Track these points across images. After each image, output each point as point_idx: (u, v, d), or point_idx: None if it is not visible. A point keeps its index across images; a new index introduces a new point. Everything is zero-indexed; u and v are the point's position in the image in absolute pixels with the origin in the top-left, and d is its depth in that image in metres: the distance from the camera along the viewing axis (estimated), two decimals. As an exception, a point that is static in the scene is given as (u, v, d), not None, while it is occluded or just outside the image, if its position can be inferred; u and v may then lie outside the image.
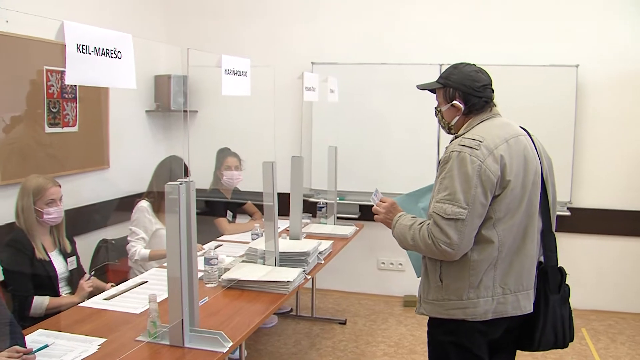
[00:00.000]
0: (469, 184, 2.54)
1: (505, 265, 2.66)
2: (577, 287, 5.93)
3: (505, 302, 2.68)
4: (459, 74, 2.81)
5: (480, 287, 2.64)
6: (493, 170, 2.56)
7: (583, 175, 5.90)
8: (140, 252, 4.51)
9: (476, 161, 2.55)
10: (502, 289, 2.67)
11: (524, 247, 2.70)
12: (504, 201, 2.60)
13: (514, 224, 2.64)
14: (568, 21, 5.78)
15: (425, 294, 2.82)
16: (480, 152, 2.57)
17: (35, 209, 3.64)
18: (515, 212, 2.64)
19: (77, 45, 2.07)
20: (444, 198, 2.58)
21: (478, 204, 2.55)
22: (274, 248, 3.94)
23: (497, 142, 2.63)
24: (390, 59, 6.09)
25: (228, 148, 5.52)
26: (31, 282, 3.57)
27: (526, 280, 2.72)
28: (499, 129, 2.73)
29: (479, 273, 2.63)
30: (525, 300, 2.73)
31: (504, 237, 2.62)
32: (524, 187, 2.66)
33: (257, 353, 4.97)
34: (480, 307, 2.65)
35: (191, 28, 6.69)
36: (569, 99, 5.72)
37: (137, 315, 3.18)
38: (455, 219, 2.53)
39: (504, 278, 2.67)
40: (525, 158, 2.68)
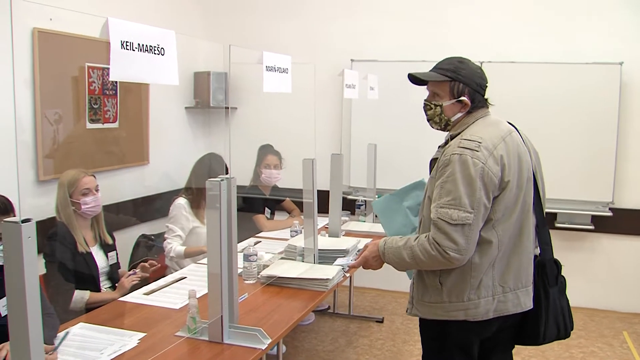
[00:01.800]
0: (473, 188, 2.50)
1: (504, 264, 2.65)
2: (619, 289, 5.93)
3: (505, 300, 2.66)
4: (468, 69, 2.75)
5: (480, 287, 2.62)
6: (494, 171, 2.53)
7: (626, 175, 5.79)
8: (176, 249, 4.54)
9: (478, 163, 2.51)
10: (502, 288, 2.65)
11: (520, 244, 2.68)
12: (503, 202, 2.58)
13: (511, 223, 2.62)
14: (611, 18, 5.68)
15: (420, 295, 2.79)
16: (481, 154, 2.53)
17: (72, 201, 3.69)
18: (512, 211, 2.62)
19: (121, 42, 2.08)
20: (448, 203, 2.52)
21: (482, 207, 2.52)
22: (313, 245, 3.93)
23: (495, 141, 2.60)
24: (431, 56, 6.00)
25: (270, 145, 5.53)
26: (73, 276, 3.61)
27: (525, 277, 2.71)
28: (494, 127, 2.71)
29: (480, 274, 2.61)
30: (525, 297, 2.71)
31: (502, 237, 2.60)
32: (519, 186, 2.63)
33: (294, 350, 4.98)
34: (482, 307, 2.63)
35: (229, 25, 6.71)
36: (613, 97, 5.62)
37: (176, 310, 3.20)
38: (462, 224, 2.49)
39: (503, 276, 2.65)
40: (519, 156, 2.66)
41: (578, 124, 5.69)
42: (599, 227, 5.87)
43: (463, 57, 2.81)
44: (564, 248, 6.04)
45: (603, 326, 5.66)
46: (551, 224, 5.88)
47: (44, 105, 4.42)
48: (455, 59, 2.80)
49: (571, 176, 5.75)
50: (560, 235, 5.99)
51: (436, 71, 2.80)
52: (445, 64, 2.80)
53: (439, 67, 2.81)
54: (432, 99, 2.84)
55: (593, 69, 5.61)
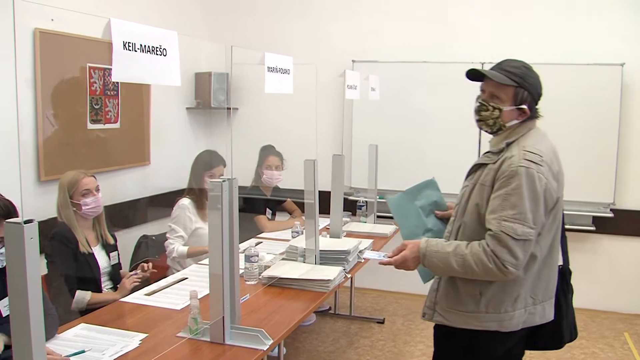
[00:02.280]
0: (538, 204, 2.46)
1: (536, 276, 2.61)
2: (620, 290, 5.93)
3: (534, 312, 2.64)
4: (534, 78, 2.66)
5: (517, 300, 2.59)
6: (554, 188, 2.52)
7: (627, 176, 5.79)
8: (178, 250, 4.53)
9: (543, 179, 2.47)
10: (532, 300, 2.63)
11: (551, 257, 2.66)
12: (550, 217, 2.56)
13: (549, 237, 2.61)
14: (612, 18, 5.68)
15: (452, 303, 2.72)
16: (545, 169, 2.49)
17: (72, 202, 3.70)
18: (552, 226, 2.60)
19: (124, 43, 2.08)
20: (513, 217, 2.44)
21: (540, 222, 2.49)
22: (314, 246, 3.93)
23: (551, 156, 2.57)
24: (431, 57, 6.05)
25: (272, 146, 5.53)
26: (74, 276, 3.61)
27: (552, 289, 2.71)
28: (546, 139, 2.67)
29: (522, 287, 2.59)
30: (549, 308, 2.71)
31: (542, 251, 2.58)
32: (560, 200, 2.62)
33: (295, 351, 4.98)
34: (515, 319, 2.61)
35: (230, 25, 6.72)
36: (614, 98, 5.62)
37: (177, 311, 3.20)
38: (524, 239, 2.43)
39: (534, 289, 2.63)
40: (561, 169, 2.65)
41: (579, 125, 5.69)
42: (600, 228, 5.86)
43: (526, 62, 2.70)
44: (565, 249, 6.03)
45: (604, 327, 5.66)
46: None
47: (45, 106, 4.42)
48: (521, 62, 2.69)
49: (572, 177, 5.68)
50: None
51: (502, 73, 2.65)
52: (512, 67, 2.66)
53: (505, 69, 2.66)
54: (490, 100, 2.68)
55: (594, 69, 5.61)
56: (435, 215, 3.18)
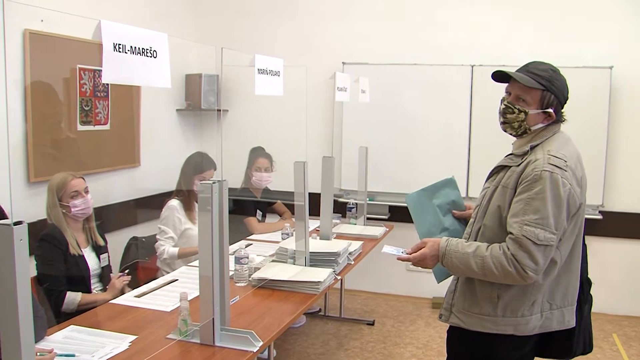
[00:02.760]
0: (560, 209, 2.44)
1: (554, 282, 2.60)
2: (609, 292, 5.95)
3: (551, 317, 2.62)
4: (561, 81, 2.65)
5: (534, 304, 2.58)
6: (577, 194, 2.50)
7: (616, 178, 5.82)
8: (169, 251, 4.53)
9: (567, 184, 2.45)
10: (549, 305, 2.61)
11: (572, 263, 2.64)
12: (572, 223, 2.54)
13: (570, 243, 2.59)
14: (602, 22, 5.71)
15: (468, 305, 2.70)
16: (569, 174, 2.48)
17: (61, 204, 3.69)
18: (573, 232, 2.58)
19: (114, 44, 2.08)
20: (535, 222, 2.42)
21: (562, 228, 2.47)
22: (304, 248, 3.93)
23: (575, 161, 2.56)
24: (421, 59, 6.06)
25: (262, 148, 5.52)
26: (64, 278, 3.60)
27: (571, 295, 2.67)
28: (570, 145, 2.66)
29: (539, 292, 2.58)
30: (569, 315, 2.67)
31: (563, 257, 2.57)
32: (582, 207, 2.59)
33: (285, 353, 4.98)
34: (531, 323, 2.59)
35: (221, 27, 6.72)
36: (603, 100, 5.65)
37: (167, 313, 3.19)
38: (546, 244, 2.42)
39: (552, 294, 2.61)
40: (584, 176, 2.62)
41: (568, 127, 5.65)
42: (589, 230, 5.77)
43: (553, 65, 2.68)
44: (554, 251, 6.05)
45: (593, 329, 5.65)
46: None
47: (34, 107, 4.40)
48: (549, 65, 2.66)
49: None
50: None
51: (529, 75, 2.62)
52: (539, 69, 2.63)
53: (532, 72, 2.63)
54: (516, 103, 2.66)
55: (583, 73, 5.62)
56: (452, 214, 3.15)
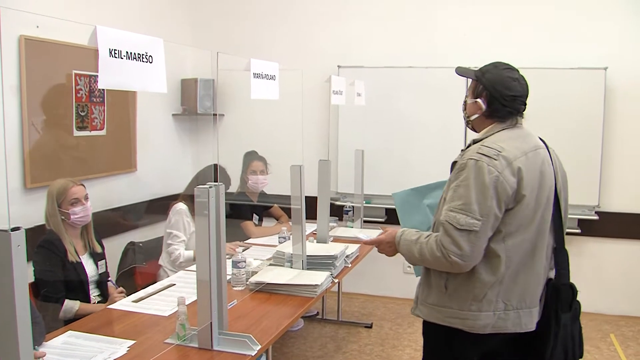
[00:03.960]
0: (485, 195, 2.49)
1: (511, 281, 2.60)
2: (605, 292, 5.96)
3: (506, 318, 2.62)
4: (495, 74, 2.72)
5: (483, 301, 2.60)
6: (510, 182, 2.52)
7: (612, 178, 5.84)
8: (185, 254, 4.53)
9: (494, 172, 2.50)
10: (504, 305, 2.61)
11: (532, 264, 2.64)
12: (517, 216, 2.56)
13: (524, 240, 2.59)
14: (596, 23, 5.73)
15: (425, 296, 2.78)
16: (499, 163, 2.52)
17: (61, 211, 3.69)
18: (527, 227, 2.59)
19: (110, 50, 2.08)
20: (458, 207, 2.52)
21: (492, 216, 2.50)
22: (301, 251, 3.93)
23: (517, 154, 2.58)
24: (417, 62, 6.07)
25: (255, 152, 5.52)
26: (62, 285, 3.60)
27: (530, 298, 2.66)
28: (520, 140, 2.68)
29: (484, 287, 2.59)
30: (526, 318, 2.67)
31: (512, 253, 2.58)
32: (538, 203, 2.61)
33: (283, 356, 4.98)
34: (481, 320, 2.61)
35: (216, 31, 6.72)
36: (597, 101, 5.67)
37: (165, 317, 3.19)
38: (468, 230, 2.48)
39: (507, 294, 2.61)
40: (541, 173, 2.64)
41: (563, 128, 5.73)
42: (586, 230, 5.90)
43: (509, 65, 2.78)
44: (550, 252, 6.06)
45: (590, 329, 5.69)
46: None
47: (30, 113, 4.40)
48: (495, 63, 2.78)
49: (557, 180, 5.78)
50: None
51: (474, 70, 2.82)
52: (485, 64, 2.80)
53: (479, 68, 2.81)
54: (465, 95, 2.84)
55: (578, 74, 5.65)
56: None
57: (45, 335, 2.86)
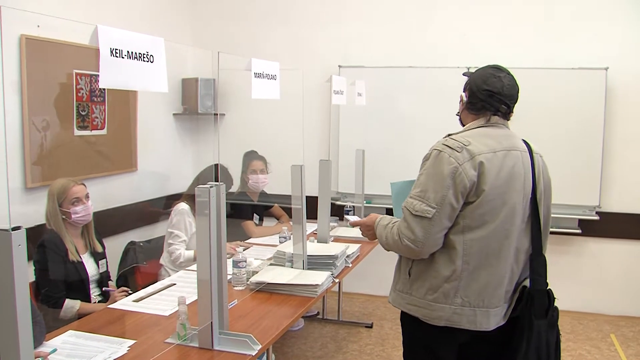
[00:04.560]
0: (442, 185, 2.54)
1: (470, 278, 2.61)
2: (606, 292, 5.97)
3: (461, 313, 2.63)
4: (481, 71, 2.81)
5: (439, 292, 2.63)
6: (469, 175, 2.54)
7: (612, 179, 5.84)
8: (185, 254, 4.54)
9: (454, 162, 2.55)
10: (461, 300, 2.62)
11: (496, 264, 2.63)
12: (477, 211, 2.57)
13: (486, 237, 2.60)
14: (597, 23, 5.73)
15: (395, 282, 2.88)
16: (461, 155, 2.56)
17: (62, 211, 3.69)
18: (489, 225, 2.59)
19: (111, 49, 2.08)
20: (416, 194, 2.61)
21: (447, 205, 2.54)
22: (302, 251, 3.93)
23: (483, 149, 2.60)
24: (418, 62, 6.07)
25: (255, 151, 5.51)
26: (63, 284, 3.60)
27: (488, 298, 2.65)
28: (493, 139, 2.68)
29: (439, 277, 2.63)
30: (482, 317, 2.65)
31: (470, 247, 2.59)
32: (505, 203, 2.61)
33: (283, 356, 4.98)
34: (435, 312, 2.65)
35: (216, 31, 6.72)
36: (599, 102, 5.67)
37: (166, 317, 3.19)
38: (422, 216, 2.55)
39: (465, 290, 2.62)
40: (511, 174, 2.64)
41: (564, 128, 5.73)
42: (586, 230, 5.90)
43: (499, 66, 2.86)
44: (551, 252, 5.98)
45: (591, 329, 5.70)
46: (538, 228, 5.91)
47: (31, 112, 4.40)
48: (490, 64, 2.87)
49: (558, 180, 5.71)
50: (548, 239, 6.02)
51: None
52: None
53: None
54: None
55: (579, 74, 5.65)
56: None
57: (46, 334, 2.85)
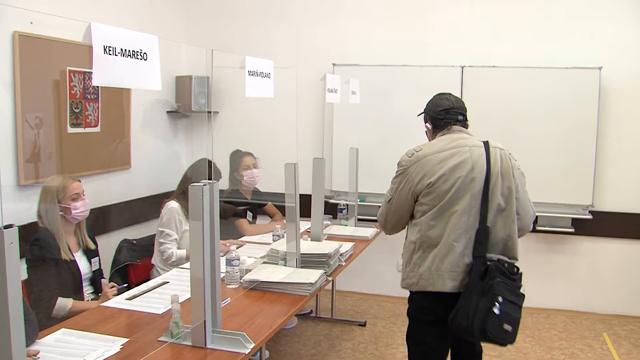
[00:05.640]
0: (397, 180, 3.34)
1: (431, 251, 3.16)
2: (599, 291, 5.99)
3: (428, 278, 3.15)
4: (430, 102, 3.55)
5: (412, 263, 3.23)
6: (414, 174, 3.23)
7: (606, 178, 5.86)
8: (177, 253, 4.51)
9: (403, 165, 3.31)
10: (428, 269, 3.15)
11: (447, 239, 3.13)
12: (428, 198, 3.18)
13: (441, 222, 3.16)
14: (591, 23, 5.74)
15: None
16: (409, 159, 3.29)
17: (61, 207, 3.68)
18: (442, 213, 3.16)
19: (104, 47, 2.08)
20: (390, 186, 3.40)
21: (401, 196, 3.30)
22: (295, 249, 3.93)
23: (430, 151, 3.25)
24: (411, 60, 6.08)
25: (240, 150, 5.48)
26: (56, 282, 3.58)
27: (444, 266, 3.12)
28: (444, 142, 3.30)
29: (410, 252, 3.27)
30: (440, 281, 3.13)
31: (426, 226, 3.19)
32: (450, 189, 3.15)
33: (277, 354, 4.98)
34: (410, 279, 3.24)
35: (210, 29, 6.71)
36: (592, 101, 5.68)
37: (159, 315, 3.18)
38: (386, 200, 3.40)
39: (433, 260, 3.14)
40: (456, 165, 3.16)
41: (558, 127, 5.74)
42: (580, 230, 5.92)
43: (440, 93, 3.57)
44: (545, 251, 6.08)
45: (584, 328, 5.71)
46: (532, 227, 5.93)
47: (24, 109, 4.39)
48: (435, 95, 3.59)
49: (551, 179, 5.80)
50: (542, 238, 6.04)
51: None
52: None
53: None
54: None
55: (572, 73, 5.67)
56: None
57: (38, 332, 2.85)
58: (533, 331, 5.61)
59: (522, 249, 6.06)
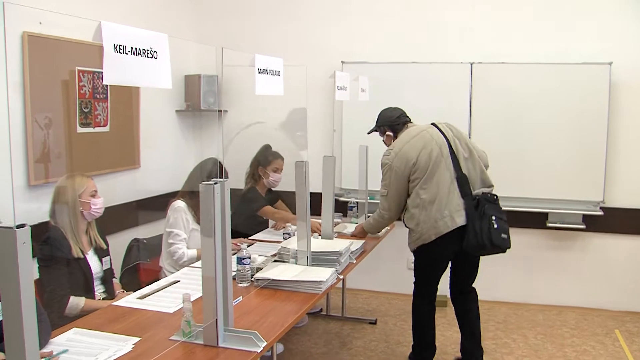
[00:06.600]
0: (387, 176, 4.35)
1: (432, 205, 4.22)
2: (610, 288, 5.97)
3: (438, 225, 4.20)
4: (381, 118, 4.71)
5: (420, 223, 4.25)
6: (398, 164, 4.30)
7: (616, 174, 5.83)
8: (188, 253, 4.48)
9: (387, 163, 4.35)
10: (434, 219, 4.20)
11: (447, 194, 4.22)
12: (416, 174, 4.26)
13: (432, 184, 4.23)
14: (601, 18, 5.72)
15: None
16: (391, 157, 4.34)
17: (81, 202, 3.69)
18: (430, 179, 4.23)
19: (115, 46, 2.07)
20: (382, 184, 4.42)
21: (394, 185, 4.34)
22: (306, 248, 3.92)
23: (401, 145, 4.36)
24: (421, 57, 6.06)
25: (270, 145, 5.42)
26: (67, 281, 3.58)
27: (447, 209, 4.20)
28: (407, 136, 4.43)
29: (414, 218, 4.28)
30: (451, 221, 4.19)
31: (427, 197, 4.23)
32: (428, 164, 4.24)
33: (288, 352, 4.98)
34: (425, 233, 4.24)
35: (219, 27, 6.71)
36: (602, 97, 5.66)
37: (170, 314, 3.18)
38: (383, 195, 4.42)
39: (435, 213, 4.21)
40: (423, 146, 4.28)
41: (568, 123, 5.72)
42: (591, 226, 5.89)
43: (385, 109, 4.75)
44: (555, 247, 6.06)
45: (595, 325, 5.69)
46: (543, 224, 5.92)
47: (34, 110, 4.40)
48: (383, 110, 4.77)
49: (562, 176, 5.78)
50: (552, 234, 6.02)
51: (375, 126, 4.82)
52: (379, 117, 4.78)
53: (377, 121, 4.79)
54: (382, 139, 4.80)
55: (583, 69, 5.64)
56: None
57: (51, 332, 2.85)
58: (544, 328, 5.59)
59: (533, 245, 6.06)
